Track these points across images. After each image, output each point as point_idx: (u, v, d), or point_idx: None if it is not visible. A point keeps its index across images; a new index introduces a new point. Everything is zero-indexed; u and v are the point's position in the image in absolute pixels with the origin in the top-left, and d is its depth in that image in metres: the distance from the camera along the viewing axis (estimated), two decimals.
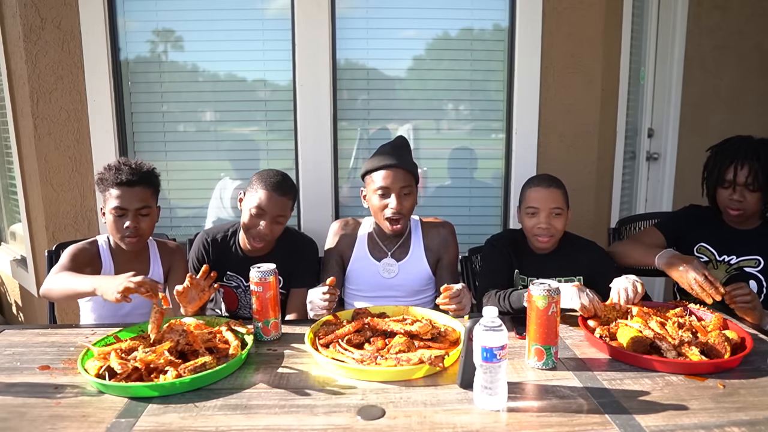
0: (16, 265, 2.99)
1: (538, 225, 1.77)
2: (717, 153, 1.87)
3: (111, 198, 1.70)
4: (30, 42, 2.38)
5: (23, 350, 1.45)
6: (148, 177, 1.75)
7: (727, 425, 1.04)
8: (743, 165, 1.77)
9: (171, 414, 1.11)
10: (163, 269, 1.85)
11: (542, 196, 1.77)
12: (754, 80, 3.11)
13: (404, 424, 1.07)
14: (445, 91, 2.58)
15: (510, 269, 1.84)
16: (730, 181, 1.80)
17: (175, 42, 2.51)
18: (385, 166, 1.80)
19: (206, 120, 2.58)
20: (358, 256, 1.92)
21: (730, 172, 1.79)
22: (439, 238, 1.93)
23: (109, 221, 1.72)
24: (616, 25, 2.55)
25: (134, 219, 1.70)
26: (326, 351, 1.37)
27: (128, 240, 1.71)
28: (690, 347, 1.31)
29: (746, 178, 1.77)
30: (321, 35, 2.39)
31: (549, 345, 1.30)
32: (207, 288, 1.55)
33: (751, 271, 1.84)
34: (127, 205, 1.69)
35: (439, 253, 1.92)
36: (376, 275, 1.90)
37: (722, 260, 1.88)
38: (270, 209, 1.77)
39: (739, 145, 1.81)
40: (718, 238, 1.90)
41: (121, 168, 1.70)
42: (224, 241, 1.91)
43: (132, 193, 1.70)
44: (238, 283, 1.92)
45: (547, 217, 1.76)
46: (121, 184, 1.69)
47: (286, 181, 1.84)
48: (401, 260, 1.90)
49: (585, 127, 2.51)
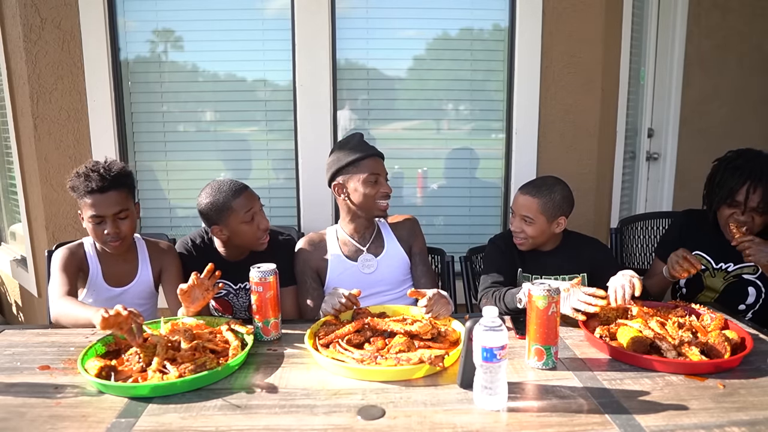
0: (16, 265, 2.99)
1: (512, 226, 1.86)
2: (727, 169, 1.76)
3: (86, 206, 1.65)
4: (30, 42, 2.38)
5: (23, 350, 1.45)
6: (119, 179, 1.68)
7: (727, 425, 1.04)
8: (756, 188, 1.67)
9: (171, 414, 1.11)
10: (152, 270, 1.82)
11: (518, 201, 1.85)
12: (754, 80, 3.11)
13: (404, 424, 1.07)
14: (445, 91, 2.58)
15: (513, 268, 1.84)
16: (740, 203, 1.71)
17: (175, 42, 2.51)
18: (372, 154, 1.86)
19: (206, 120, 2.58)
20: (334, 263, 1.91)
21: (741, 194, 1.70)
22: (405, 229, 1.98)
23: (89, 228, 1.68)
24: (616, 26, 2.55)
25: (113, 224, 1.66)
26: (326, 351, 1.37)
27: (111, 245, 1.69)
28: (690, 347, 1.31)
29: (759, 203, 1.68)
30: (321, 35, 2.39)
31: (549, 345, 1.30)
32: (211, 288, 1.55)
33: (749, 278, 1.83)
34: (104, 212, 1.65)
35: (410, 242, 1.97)
36: (356, 274, 1.90)
37: (719, 268, 1.86)
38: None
39: (753, 164, 1.70)
40: (714, 246, 1.87)
41: (90, 175, 1.63)
42: (203, 245, 1.90)
43: (106, 199, 1.64)
44: (227, 290, 1.91)
45: (519, 221, 1.83)
46: (93, 192, 1.63)
47: None
48: (379, 255, 1.92)
49: (585, 127, 2.51)
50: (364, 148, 1.87)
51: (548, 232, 1.82)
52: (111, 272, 1.77)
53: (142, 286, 1.81)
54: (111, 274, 1.77)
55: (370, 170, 1.83)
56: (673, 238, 1.95)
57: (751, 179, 1.69)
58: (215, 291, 1.57)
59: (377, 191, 1.85)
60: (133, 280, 1.80)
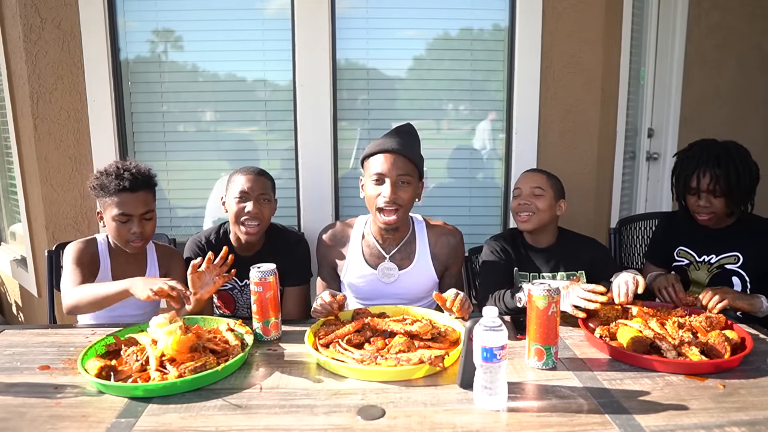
0: (16, 265, 2.99)
1: (519, 203, 1.85)
2: (682, 160, 1.89)
3: (113, 204, 1.68)
4: (30, 42, 2.38)
5: (23, 350, 1.45)
6: (149, 180, 1.74)
7: (727, 425, 1.04)
8: (705, 173, 1.80)
9: (171, 414, 1.11)
10: (160, 272, 1.84)
11: (524, 178, 1.90)
12: (754, 80, 3.11)
13: (404, 424, 1.07)
14: (445, 91, 2.58)
15: (509, 268, 1.85)
16: (695, 189, 1.83)
17: (175, 42, 2.51)
18: (384, 150, 1.63)
19: (206, 120, 2.58)
20: (353, 264, 1.77)
21: (693, 180, 1.83)
22: (448, 247, 1.79)
23: (113, 227, 1.70)
24: (616, 26, 2.55)
25: (139, 224, 1.70)
26: (326, 351, 1.37)
27: (133, 245, 1.71)
28: (690, 347, 1.31)
29: (708, 185, 1.79)
30: (321, 35, 2.39)
31: (549, 345, 1.30)
32: (221, 275, 1.56)
33: (731, 268, 1.86)
34: (132, 211, 1.68)
35: (447, 263, 1.80)
36: (373, 282, 1.76)
37: (702, 260, 1.91)
38: (252, 189, 1.78)
39: (701, 152, 1.83)
40: (695, 239, 1.93)
41: (122, 174, 1.68)
42: (217, 242, 1.89)
43: (135, 198, 1.68)
44: (233, 284, 1.92)
45: (528, 196, 1.83)
46: (124, 190, 1.67)
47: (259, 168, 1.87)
48: (405, 267, 1.76)
49: (585, 127, 2.51)
50: (388, 141, 1.65)
51: (552, 212, 1.85)
52: (120, 271, 1.77)
53: None
54: (120, 272, 1.77)
55: (377, 169, 1.64)
56: (658, 240, 2.08)
57: (699, 164, 1.81)
58: (226, 279, 1.57)
59: (379, 195, 1.64)
60: None
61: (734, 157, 1.80)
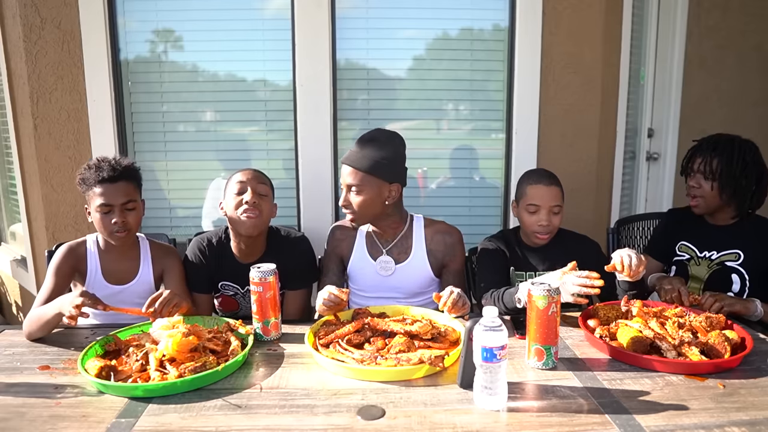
0: (16, 265, 2.99)
1: (539, 222, 1.80)
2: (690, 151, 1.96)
3: (95, 196, 1.69)
4: (30, 42, 2.38)
5: (23, 350, 1.45)
6: (129, 172, 1.73)
7: (727, 425, 1.05)
8: (699, 154, 1.88)
9: (171, 414, 1.11)
10: (154, 270, 1.82)
11: (543, 194, 1.79)
12: (754, 80, 3.10)
13: (404, 424, 1.07)
14: (445, 91, 2.58)
15: (506, 268, 1.85)
16: (690, 169, 1.90)
17: (175, 42, 2.51)
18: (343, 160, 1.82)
19: (206, 120, 2.58)
20: (357, 256, 1.91)
21: (690, 161, 1.91)
22: (444, 245, 1.86)
23: (96, 219, 1.71)
24: (616, 25, 2.55)
25: (121, 214, 1.69)
26: (326, 351, 1.37)
27: (117, 235, 1.70)
28: (690, 347, 1.31)
29: (699, 166, 1.86)
30: (321, 35, 2.39)
31: (549, 345, 1.30)
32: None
33: (732, 265, 1.87)
34: (112, 201, 1.68)
35: (444, 260, 1.86)
36: (373, 274, 1.88)
37: (703, 256, 1.92)
38: (249, 181, 1.79)
39: (709, 138, 1.91)
40: (697, 235, 1.95)
41: (101, 165, 1.69)
42: (219, 245, 1.89)
43: (115, 188, 1.68)
44: (235, 291, 1.91)
45: (548, 214, 1.79)
46: (103, 181, 1.68)
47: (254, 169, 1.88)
48: (402, 261, 1.86)
49: (585, 127, 2.51)
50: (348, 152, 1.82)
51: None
52: (111, 270, 1.77)
53: (142, 285, 1.81)
54: (111, 271, 1.77)
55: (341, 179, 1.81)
56: (660, 233, 2.12)
57: (699, 147, 1.90)
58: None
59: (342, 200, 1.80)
60: (134, 279, 1.80)
61: (733, 147, 1.83)
